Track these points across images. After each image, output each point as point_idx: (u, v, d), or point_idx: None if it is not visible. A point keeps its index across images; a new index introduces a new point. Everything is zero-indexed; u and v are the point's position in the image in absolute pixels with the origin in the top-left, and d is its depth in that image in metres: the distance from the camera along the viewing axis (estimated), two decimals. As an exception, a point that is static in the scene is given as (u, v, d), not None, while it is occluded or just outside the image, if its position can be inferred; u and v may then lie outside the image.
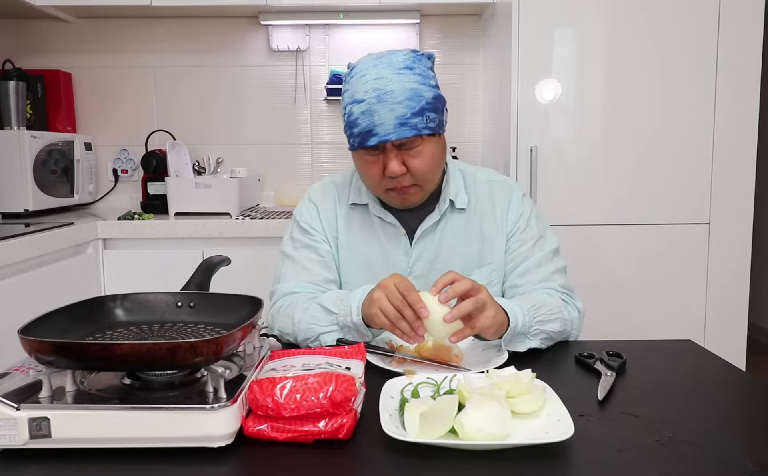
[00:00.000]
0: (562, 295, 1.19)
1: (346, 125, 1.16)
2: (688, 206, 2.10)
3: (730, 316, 2.12)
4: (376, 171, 1.16)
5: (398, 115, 1.09)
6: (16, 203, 2.13)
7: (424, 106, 1.11)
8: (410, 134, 1.11)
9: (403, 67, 1.12)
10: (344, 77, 1.20)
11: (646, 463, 0.70)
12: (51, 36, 2.62)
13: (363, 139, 1.12)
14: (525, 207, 1.28)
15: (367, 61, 1.15)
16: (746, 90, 2.05)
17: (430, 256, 1.25)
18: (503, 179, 1.33)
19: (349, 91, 1.15)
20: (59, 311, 0.85)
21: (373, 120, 1.10)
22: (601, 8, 2.03)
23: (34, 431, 0.70)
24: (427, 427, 0.72)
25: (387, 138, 1.10)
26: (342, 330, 1.09)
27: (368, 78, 1.12)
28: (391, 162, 1.13)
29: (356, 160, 1.21)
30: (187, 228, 2.11)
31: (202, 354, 0.74)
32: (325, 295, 1.15)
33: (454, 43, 2.68)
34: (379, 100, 1.10)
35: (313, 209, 1.30)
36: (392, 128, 1.10)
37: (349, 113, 1.14)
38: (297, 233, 1.30)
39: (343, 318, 1.08)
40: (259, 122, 2.70)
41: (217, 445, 0.72)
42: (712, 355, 1.09)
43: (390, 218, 1.25)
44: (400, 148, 1.13)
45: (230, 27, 2.64)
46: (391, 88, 1.10)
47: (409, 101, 1.10)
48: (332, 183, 1.34)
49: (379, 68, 1.12)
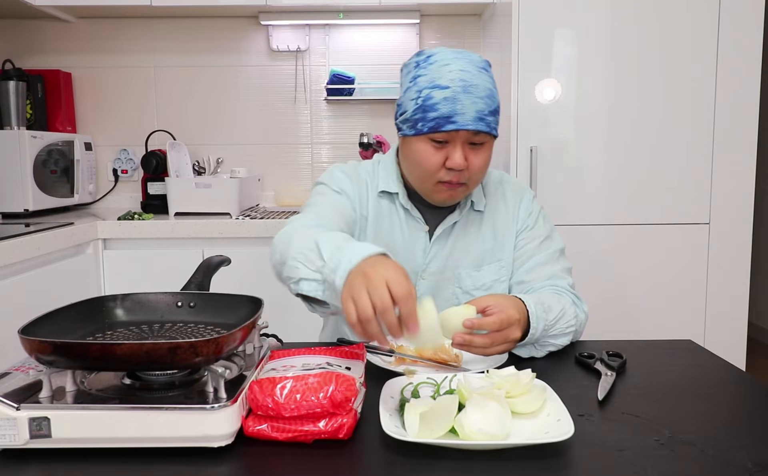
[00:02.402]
0: (571, 297, 1.19)
1: (418, 109, 1.14)
2: (688, 206, 2.10)
3: (730, 316, 2.12)
4: (436, 161, 1.15)
5: (479, 109, 1.12)
6: (16, 203, 2.13)
7: (496, 108, 1.15)
8: (485, 129, 1.13)
9: (482, 68, 1.15)
10: (415, 63, 1.18)
11: (646, 463, 0.70)
12: (51, 36, 2.62)
13: (439, 124, 1.12)
14: (534, 207, 1.31)
15: (445, 52, 1.16)
16: (746, 90, 2.05)
17: (446, 254, 1.26)
18: (514, 180, 1.36)
19: (428, 76, 1.14)
20: (59, 311, 0.85)
21: (456, 108, 1.11)
22: (601, 8, 2.03)
23: (34, 431, 0.70)
24: (427, 427, 0.72)
25: (466, 126, 1.11)
26: (323, 284, 0.90)
27: (452, 67, 1.13)
28: (456, 154, 1.13)
29: (413, 146, 1.17)
30: (187, 228, 2.11)
31: (202, 354, 0.74)
32: (329, 234, 0.97)
33: (454, 43, 2.67)
34: (465, 90, 1.11)
35: (347, 179, 1.26)
36: (472, 119, 1.11)
37: (427, 97, 1.13)
38: (324, 187, 1.24)
39: (329, 273, 0.87)
40: (259, 122, 2.70)
41: (217, 445, 0.72)
42: (712, 355, 1.09)
43: (415, 213, 1.25)
44: (468, 143, 1.15)
45: (230, 27, 2.64)
46: (475, 83, 1.12)
47: (488, 99, 1.13)
48: (361, 168, 1.30)
49: (462, 62, 1.14)
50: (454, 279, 1.25)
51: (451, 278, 1.25)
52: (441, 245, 1.25)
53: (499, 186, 1.32)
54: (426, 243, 1.25)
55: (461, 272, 1.25)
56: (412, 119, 1.15)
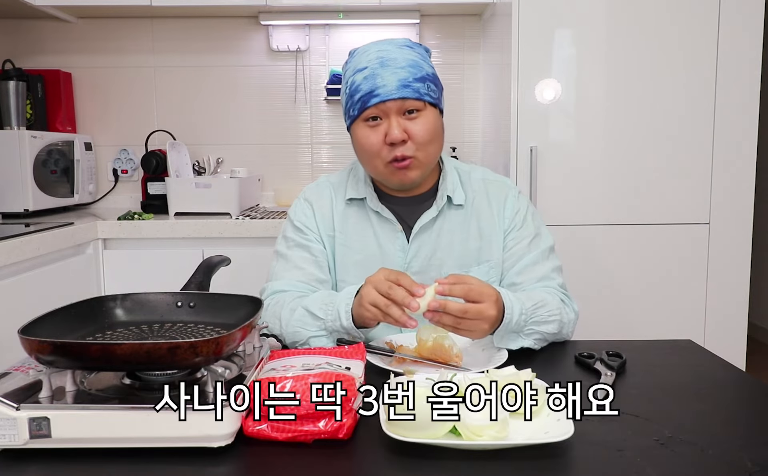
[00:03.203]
0: (561, 295, 1.19)
1: (348, 98, 1.18)
2: (688, 206, 2.10)
3: (730, 316, 2.12)
4: (375, 140, 1.16)
5: (401, 78, 1.13)
6: (16, 203, 2.13)
7: (425, 75, 1.16)
8: (412, 95, 1.13)
9: (404, 45, 1.18)
10: (345, 62, 1.23)
11: (646, 463, 0.70)
12: (51, 36, 2.62)
13: (364, 102, 1.14)
14: (521, 205, 1.29)
15: (368, 43, 1.20)
16: (746, 90, 2.05)
17: (428, 252, 1.25)
18: (498, 177, 1.33)
19: (351, 66, 1.19)
20: (59, 311, 0.85)
21: (376, 82, 1.13)
22: (601, 8, 2.03)
23: (34, 431, 0.70)
24: (426, 425, 0.72)
25: (390, 96, 1.12)
26: (331, 335, 1.09)
27: (371, 50, 1.16)
28: (392, 128, 1.14)
29: (355, 135, 1.21)
30: (187, 228, 2.11)
31: (202, 354, 0.74)
32: (310, 298, 1.14)
33: (454, 43, 2.68)
34: (382, 65, 1.13)
35: (308, 208, 1.30)
36: (395, 88, 1.12)
37: (351, 83, 1.16)
38: (291, 232, 1.30)
39: (332, 323, 1.08)
40: (259, 121, 2.70)
41: (217, 445, 0.72)
42: (712, 355, 1.09)
43: (387, 214, 1.25)
44: (402, 114, 1.15)
45: (230, 27, 2.64)
46: (393, 57, 1.14)
47: (410, 68, 1.14)
48: (328, 182, 1.34)
49: (381, 44, 1.17)
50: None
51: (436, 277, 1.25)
52: (421, 242, 1.24)
53: (481, 184, 1.30)
54: (404, 243, 1.25)
55: (448, 272, 1.24)
56: (346, 109, 1.20)
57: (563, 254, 1.31)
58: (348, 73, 1.19)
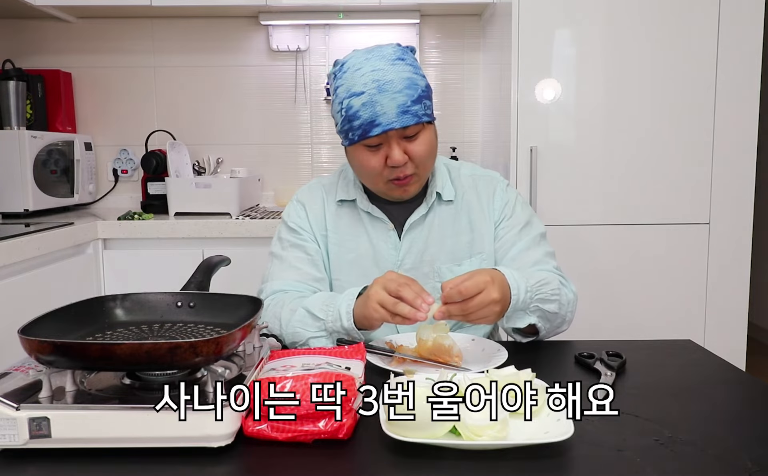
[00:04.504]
0: (558, 277, 1.19)
1: (344, 120, 1.16)
2: (688, 206, 2.10)
3: (730, 316, 2.12)
4: (376, 163, 1.16)
5: (400, 104, 1.11)
6: (16, 203, 2.12)
7: (421, 94, 1.14)
8: (413, 122, 1.13)
9: (395, 59, 1.14)
10: (333, 75, 1.20)
11: (646, 463, 0.70)
12: (51, 36, 2.62)
13: (365, 130, 1.13)
14: (510, 196, 1.30)
15: (357, 55, 1.16)
16: (746, 90, 2.05)
17: (420, 248, 1.26)
18: (486, 172, 1.35)
19: (344, 85, 1.15)
20: (59, 311, 0.85)
21: (376, 110, 1.11)
22: (600, 8, 2.03)
23: (34, 431, 0.70)
24: (426, 425, 0.72)
25: (391, 126, 1.11)
26: (331, 335, 1.10)
27: (364, 70, 1.13)
28: (394, 151, 1.14)
29: (354, 155, 1.21)
30: (187, 228, 2.11)
31: (202, 354, 0.74)
32: (311, 298, 1.14)
33: (454, 43, 2.68)
34: (380, 90, 1.11)
35: (301, 209, 1.31)
36: (395, 116, 1.11)
37: (348, 107, 1.14)
38: (285, 233, 1.31)
39: (332, 324, 1.09)
40: (259, 121, 2.70)
41: (217, 445, 0.72)
42: (712, 355, 1.09)
43: (378, 213, 1.26)
44: (402, 137, 1.15)
45: (230, 27, 2.64)
46: (389, 78, 1.11)
47: (408, 90, 1.12)
48: (319, 184, 1.35)
49: (373, 61, 1.14)
50: (433, 274, 1.26)
51: (429, 273, 1.26)
52: (413, 239, 1.26)
53: (470, 179, 1.31)
54: (396, 241, 1.26)
55: (441, 267, 1.26)
56: (343, 131, 1.18)
57: (563, 254, 1.32)
58: (341, 92, 1.16)
